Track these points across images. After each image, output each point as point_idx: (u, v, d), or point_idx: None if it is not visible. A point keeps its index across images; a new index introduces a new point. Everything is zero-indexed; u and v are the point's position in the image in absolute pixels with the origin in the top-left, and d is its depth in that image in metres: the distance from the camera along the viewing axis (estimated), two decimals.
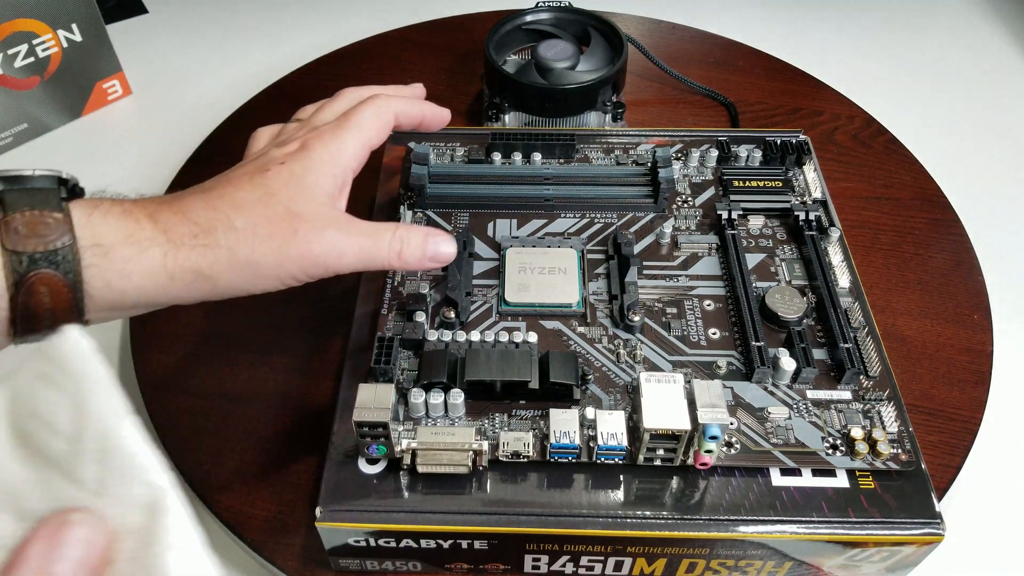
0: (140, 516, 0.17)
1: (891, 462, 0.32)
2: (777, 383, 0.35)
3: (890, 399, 0.35)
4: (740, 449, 0.33)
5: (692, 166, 0.46)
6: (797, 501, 0.32)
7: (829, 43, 0.74)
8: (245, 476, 0.38)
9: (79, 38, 0.61)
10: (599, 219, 0.43)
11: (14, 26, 0.57)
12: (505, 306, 0.38)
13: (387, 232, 0.32)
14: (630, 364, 0.36)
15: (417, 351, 0.36)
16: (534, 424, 0.34)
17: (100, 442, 0.17)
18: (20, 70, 0.59)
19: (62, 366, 0.18)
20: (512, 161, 0.46)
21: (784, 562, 0.33)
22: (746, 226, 0.42)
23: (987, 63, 0.72)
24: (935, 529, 0.31)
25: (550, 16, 0.57)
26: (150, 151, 0.62)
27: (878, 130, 0.58)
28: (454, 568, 0.34)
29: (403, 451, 0.32)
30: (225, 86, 0.67)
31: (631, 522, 0.32)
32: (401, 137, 0.47)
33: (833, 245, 0.41)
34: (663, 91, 0.61)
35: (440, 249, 0.34)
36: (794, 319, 0.37)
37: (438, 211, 0.43)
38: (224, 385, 0.42)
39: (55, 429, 0.17)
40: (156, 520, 0.17)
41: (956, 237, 0.50)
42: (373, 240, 0.32)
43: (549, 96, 0.52)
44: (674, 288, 0.39)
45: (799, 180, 0.45)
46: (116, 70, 0.65)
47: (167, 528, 0.17)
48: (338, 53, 0.66)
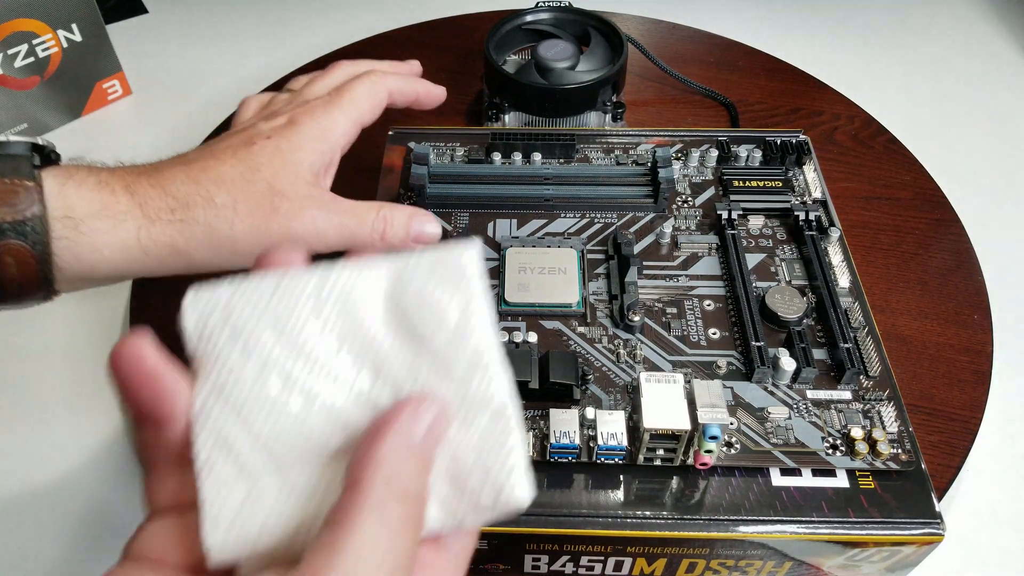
0: (488, 420, 0.19)
1: (891, 462, 0.32)
2: (777, 383, 0.35)
3: (890, 399, 0.35)
4: (740, 449, 0.33)
5: (692, 166, 0.46)
6: (797, 501, 0.32)
7: (829, 43, 0.74)
8: None
9: (79, 38, 0.61)
10: (599, 219, 0.43)
11: (14, 26, 0.57)
12: (505, 306, 0.38)
13: (371, 212, 0.32)
14: (630, 364, 0.36)
15: None
16: (534, 424, 0.34)
17: (476, 349, 0.19)
18: (20, 70, 0.59)
19: (460, 272, 0.20)
20: (512, 161, 0.46)
21: (784, 562, 0.33)
22: (746, 226, 0.42)
23: (987, 63, 0.72)
24: (935, 529, 0.31)
25: (550, 16, 0.57)
26: (150, 151, 0.61)
27: (878, 130, 0.58)
28: None
29: None
30: (225, 86, 0.67)
31: (631, 522, 0.32)
32: (401, 137, 0.47)
33: (833, 245, 0.41)
34: (663, 91, 0.61)
35: (425, 229, 0.33)
36: (794, 319, 0.37)
37: (438, 211, 0.43)
38: None
39: (442, 324, 0.19)
40: (506, 426, 0.19)
41: (956, 237, 0.50)
42: (356, 219, 0.31)
43: (549, 96, 0.52)
44: (674, 288, 0.39)
45: (799, 180, 0.45)
46: (116, 70, 0.65)
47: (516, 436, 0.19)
48: (338, 53, 0.66)
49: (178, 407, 0.19)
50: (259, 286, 0.20)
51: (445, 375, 0.19)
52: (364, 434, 0.18)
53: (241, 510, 0.18)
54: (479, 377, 0.19)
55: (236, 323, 0.19)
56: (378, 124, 0.58)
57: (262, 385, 0.19)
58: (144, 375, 0.19)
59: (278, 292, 0.20)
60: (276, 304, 0.20)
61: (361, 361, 0.20)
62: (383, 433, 0.18)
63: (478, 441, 0.19)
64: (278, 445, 0.19)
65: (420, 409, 0.18)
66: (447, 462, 0.19)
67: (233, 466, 0.19)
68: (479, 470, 0.19)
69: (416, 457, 0.18)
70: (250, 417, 0.19)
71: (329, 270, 0.20)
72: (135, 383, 0.19)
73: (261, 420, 0.19)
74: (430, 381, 0.19)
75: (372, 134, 0.58)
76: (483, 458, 0.19)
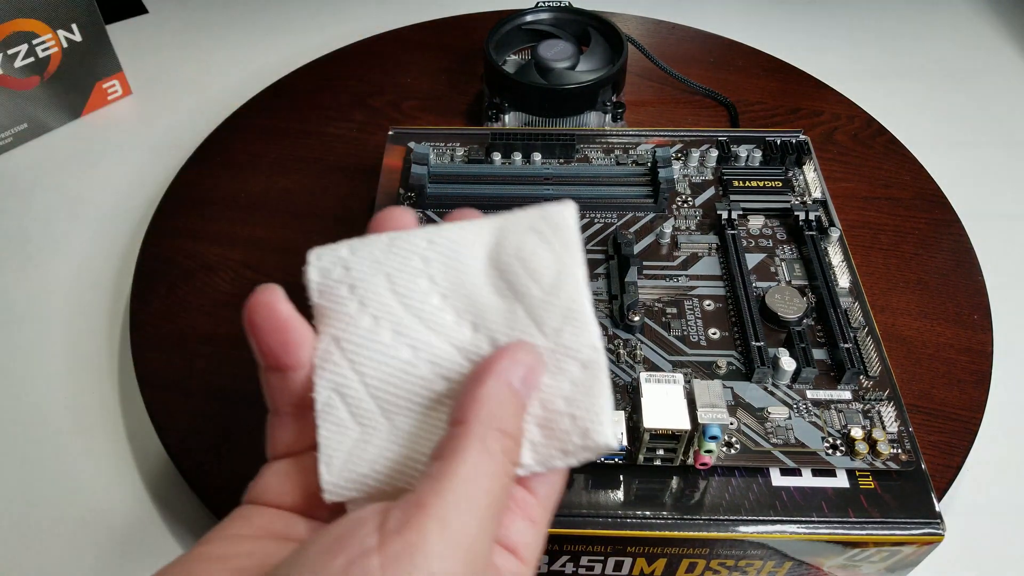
0: (578, 368, 0.20)
1: (891, 462, 0.32)
2: (777, 383, 0.35)
3: (890, 399, 0.35)
4: (740, 449, 0.33)
5: (692, 166, 0.46)
6: (797, 501, 0.32)
7: (829, 43, 0.74)
8: (245, 476, 0.38)
9: (79, 38, 0.61)
10: (599, 219, 0.43)
11: (14, 26, 0.57)
12: None
13: None
14: (630, 364, 0.36)
15: None
16: None
17: (570, 302, 0.21)
18: (20, 70, 0.59)
19: (556, 230, 0.21)
20: (512, 161, 0.46)
21: (784, 562, 0.33)
22: (746, 226, 0.42)
23: (987, 63, 0.72)
24: (935, 529, 0.31)
25: (550, 16, 0.57)
26: (150, 151, 0.62)
27: (878, 130, 0.58)
28: None
29: None
30: (225, 86, 0.67)
31: (631, 522, 0.32)
32: (401, 137, 0.47)
33: (833, 245, 0.41)
34: (663, 91, 0.61)
35: None
36: (794, 319, 0.37)
37: (438, 211, 0.43)
38: (224, 385, 0.42)
39: (538, 278, 0.21)
40: (595, 375, 0.20)
41: (956, 237, 0.50)
42: None
43: (549, 96, 0.52)
44: (674, 288, 0.39)
45: (799, 180, 0.45)
46: (116, 70, 0.65)
47: (603, 385, 0.20)
48: (338, 53, 0.66)
49: (303, 355, 0.21)
50: (375, 245, 0.21)
51: (540, 327, 0.21)
52: (467, 379, 0.20)
53: (354, 451, 0.20)
54: (571, 329, 0.20)
55: (354, 278, 0.21)
56: (378, 124, 0.59)
57: (375, 336, 0.21)
58: (276, 324, 0.20)
59: (392, 250, 0.21)
60: (390, 261, 0.21)
61: (464, 314, 0.21)
62: (485, 376, 0.19)
63: (568, 389, 0.20)
64: (388, 392, 0.20)
65: (518, 355, 0.20)
66: (538, 408, 0.20)
67: (347, 410, 0.20)
68: (568, 416, 0.20)
69: (515, 398, 0.19)
70: (364, 365, 0.20)
71: (438, 229, 0.22)
72: (267, 331, 0.20)
73: (373, 368, 0.20)
74: (526, 332, 0.21)
75: (372, 134, 0.58)
76: (572, 405, 0.20)
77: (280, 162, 0.56)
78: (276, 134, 0.58)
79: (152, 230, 0.51)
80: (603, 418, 0.20)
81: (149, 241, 0.50)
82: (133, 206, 0.57)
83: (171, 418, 0.41)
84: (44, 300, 0.52)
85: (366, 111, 0.60)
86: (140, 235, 0.51)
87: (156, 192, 0.56)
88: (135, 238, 0.54)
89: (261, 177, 0.55)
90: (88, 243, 0.55)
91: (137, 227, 0.55)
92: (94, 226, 0.56)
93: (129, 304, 0.47)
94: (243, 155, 0.56)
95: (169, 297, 0.47)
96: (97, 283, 0.52)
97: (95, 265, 0.53)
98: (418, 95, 0.62)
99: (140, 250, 0.50)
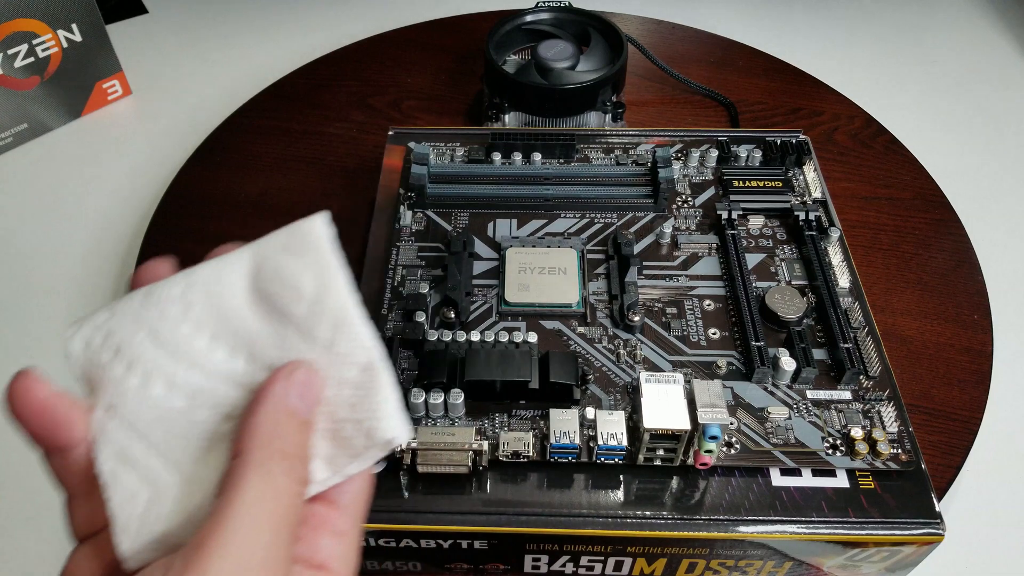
0: (358, 372, 0.21)
1: (891, 462, 0.32)
2: (777, 383, 0.35)
3: (890, 399, 0.35)
4: (740, 449, 0.33)
5: (692, 166, 0.46)
6: (797, 501, 0.32)
7: (829, 43, 0.74)
8: None
9: (79, 38, 0.61)
10: (599, 219, 0.43)
11: (14, 26, 0.57)
12: (505, 306, 0.38)
13: None
14: (630, 364, 0.36)
15: (417, 351, 0.36)
16: (534, 424, 0.34)
17: (336, 311, 0.21)
18: (20, 70, 0.59)
19: (309, 244, 0.21)
20: (512, 161, 0.46)
21: (784, 562, 0.33)
22: (746, 226, 0.42)
23: (987, 63, 0.72)
24: (935, 529, 0.31)
25: (550, 16, 0.57)
26: (150, 151, 0.62)
27: (878, 130, 0.58)
28: (454, 568, 0.34)
29: (403, 451, 0.32)
30: (225, 86, 0.67)
31: (631, 522, 0.32)
32: (401, 137, 0.47)
33: (833, 245, 0.41)
34: (663, 91, 0.61)
35: None
36: (794, 319, 0.37)
37: (438, 211, 0.43)
38: None
39: (299, 295, 0.21)
40: (373, 377, 0.21)
41: (956, 237, 0.50)
42: None
43: (549, 96, 0.52)
44: (674, 288, 0.39)
45: (799, 180, 0.45)
46: (116, 70, 0.65)
47: (383, 384, 0.21)
48: (338, 53, 0.66)
49: (76, 433, 0.20)
50: (132, 302, 0.21)
51: (312, 342, 0.21)
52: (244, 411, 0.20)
53: (147, 513, 0.19)
54: (342, 337, 0.21)
55: (117, 342, 0.21)
56: (378, 124, 0.59)
57: (147, 393, 0.20)
58: (36, 408, 0.20)
59: (149, 303, 0.21)
60: (149, 315, 0.21)
61: (236, 348, 0.21)
62: (258, 403, 0.19)
63: (351, 395, 0.21)
64: (171, 445, 0.20)
65: (291, 375, 0.20)
66: (326, 421, 0.20)
67: (134, 475, 0.20)
68: (352, 421, 0.20)
69: (292, 418, 0.19)
70: (142, 425, 0.20)
71: (193, 271, 0.22)
72: (30, 417, 0.20)
73: (152, 426, 0.20)
74: (299, 350, 0.21)
75: (372, 134, 0.58)
76: (355, 410, 0.20)
77: (280, 162, 0.56)
78: (276, 134, 0.58)
79: (152, 230, 0.51)
80: (384, 414, 0.20)
81: (149, 241, 0.50)
82: (133, 206, 0.57)
83: None
84: (44, 300, 0.52)
85: (366, 111, 0.60)
86: (140, 235, 0.51)
87: (156, 192, 0.56)
88: (135, 238, 0.54)
89: (261, 177, 0.55)
90: (88, 243, 0.55)
91: (137, 227, 0.55)
92: (94, 226, 0.56)
93: None
94: (243, 155, 0.56)
95: None
96: (97, 283, 0.52)
97: (95, 265, 0.53)
98: (418, 95, 0.62)
99: (140, 250, 0.50)
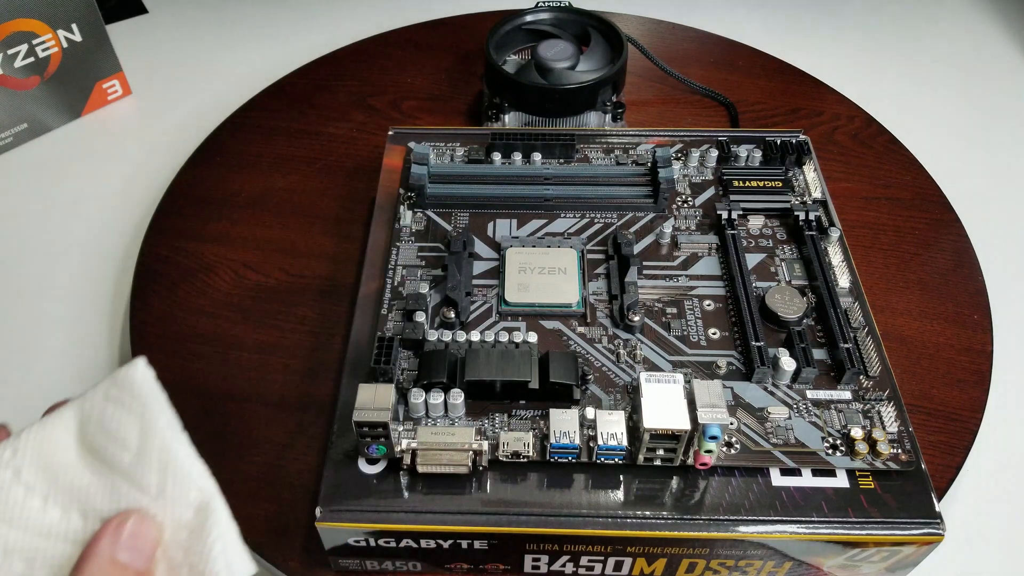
0: (192, 514, 0.21)
1: (891, 462, 0.32)
2: (777, 383, 0.35)
3: (890, 399, 0.35)
4: (740, 449, 0.33)
5: (692, 166, 0.46)
6: (797, 501, 0.32)
7: (829, 43, 0.74)
8: (245, 476, 0.38)
9: (79, 38, 0.61)
10: (599, 219, 0.43)
11: (14, 26, 0.57)
12: (505, 306, 0.38)
13: None
14: (630, 364, 0.36)
15: (417, 351, 0.36)
16: (534, 424, 0.34)
17: (162, 454, 0.21)
18: (20, 70, 0.59)
19: (129, 390, 0.22)
20: (512, 161, 0.46)
21: (784, 562, 0.33)
22: (746, 226, 0.42)
23: (987, 63, 0.72)
24: (935, 529, 0.31)
25: (550, 16, 0.57)
26: (150, 151, 0.62)
27: (878, 130, 0.58)
28: (454, 568, 0.34)
29: (403, 451, 0.32)
30: (225, 86, 0.67)
31: (631, 522, 0.32)
32: (401, 137, 0.47)
33: (833, 245, 0.41)
34: (663, 91, 0.61)
35: None
36: (794, 319, 0.37)
37: (438, 211, 0.43)
38: (224, 385, 0.42)
39: (125, 444, 0.21)
40: (206, 517, 0.21)
41: (956, 237, 0.50)
42: None
43: (549, 96, 0.52)
44: (674, 288, 0.39)
45: (799, 180, 0.45)
46: (116, 70, 0.65)
47: (215, 523, 0.21)
48: (338, 53, 0.66)
49: None
50: None
51: (143, 489, 0.21)
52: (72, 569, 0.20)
53: None
54: (171, 480, 0.21)
55: None
56: (378, 124, 0.59)
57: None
58: None
59: None
60: None
61: (69, 506, 0.21)
62: (84, 559, 0.19)
63: (186, 538, 0.21)
64: None
65: (119, 528, 0.20)
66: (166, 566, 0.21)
67: None
68: (187, 565, 0.21)
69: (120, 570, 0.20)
70: None
71: (20, 435, 0.22)
72: None
73: None
74: (133, 499, 0.21)
75: (372, 134, 0.58)
76: (189, 553, 0.21)
77: (280, 162, 0.56)
78: (276, 134, 0.58)
79: (152, 230, 0.51)
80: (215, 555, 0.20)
81: (149, 241, 0.50)
82: (133, 206, 0.57)
83: None
84: (44, 300, 0.52)
85: (366, 111, 0.60)
86: (140, 235, 0.51)
87: (156, 192, 0.56)
88: (135, 238, 0.54)
89: (261, 177, 0.55)
90: (88, 243, 0.55)
91: (137, 227, 0.55)
92: (94, 226, 0.56)
93: (129, 304, 0.47)
94: (243, 155, 0.56)
95: (169, 297, 0.47)
96: (97, 283, 0.52)
97: (95, 265, 0.53)
98: (418, 95, 0.62)
99: (140, 250, 0.50)
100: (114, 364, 0.48)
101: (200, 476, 0.21)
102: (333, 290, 0.47)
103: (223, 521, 0.21)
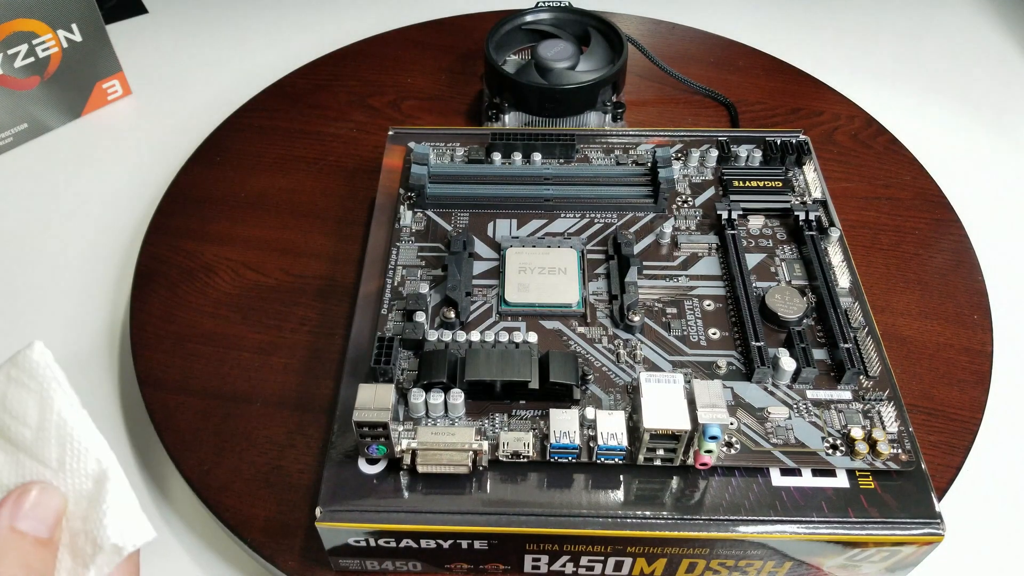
0: (91, 484, 0.22)
1: (891, 462, 0.32)
2: (777, 383, 0.35)
3: (890, 399, 0.35)
4: (740, 449, 0.33)
5: (692, 166, 0.46)
6: (797, 501, 0.32)
7: (829, 43, 0.74)
8: (245, 476, 0.38)
9: (79, 38, 0.61)
10: (599, 219, 0.43)
11: (14, 26, 0.57)
12: (505, 306, 0.38)
13: None
14: (630, 364, 0.36)
15: (417, 351, 0.36)
16: (534, 424, 0.34)
17: (59, 429, 0.22)
18: (20, 70, 0.59)
19: (27, 369, 0.22)
20: (512, 161, 0.46)
21: (784, 562, 0.33)
22: (746, 226, 0.42)
23: (987, 63, 0.72)
24: (935, 529, 0.31)
25: (550, 16, 0.57)
26: (150, 151, 0.62)
27: (878, 130, 0.58)
28: (454, 568, 0.34)
29: (403, 451, 0.32)
30: (225, 86, 0.67)
31: (631, 522, 0.32)
32: (401, 137, 0.47)
33: (833, 245, 0.41)
34: (663, 91, 0.61)
35: None
36: (794, 319, 0.37)
37: (438, 211, 0.43)
38: (224, 385, 0.42)
39: (25, 421, 0.22)
40: (102, 486, 0.22)
41: (956, 237, 0.50)
42: None
43: (549, 96, 0.52)
44: (674, 288, 0.39)
45: (799, 180, 0.45)
46: (116, 70, 0.65)
47: (108, 491, 0.22)
48: (338, 53, 0.66)
49: None
50: None
51: (45, 463, 0.22)
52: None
53: None
54: (70, 453, 0.22)
55: None
56: (378, 124, 0.59)
57: None
58: None
59: None
60: None
61: None
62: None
63: (85, 508, 0.22)
64: None
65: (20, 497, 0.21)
66: (67, 536, 0.22)
67: None
68: (83, 532, 0.22)
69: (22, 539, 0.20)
70: None
71: None
72: None
73: None
74: (38, 473, 0.22)
75: (372, 134, 0.58)
76: (87, 521, 0.22)
77: (280, 162, 0.56)
78: (276, 134, 0.58)
79: (152, 230, 0.51)
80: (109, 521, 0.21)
81: (149, 241, 0.50)
82: (133, 206, 0.57)
83: (171, 418, 0.41)
84: (44, 300, 0.52)
85: (366, 111, 0.60)
86: (140, 235, 0.51)
87: (156, 192, 0.56)
88: (135, 238, 0.54)
89: (261, 177, 0.55)
90: (88, 243, 0.55)
91: (137, 227, 0.55)
92: (94, 226, 0.56)
93: (129, 304, 0.47)
94: (243, 155, 0.56)
95: (169, 297, 0.47)
96: (97, 283, 0.52)
97: (95, 265, 0.53)
98: (418, 95, 0.62)
99: (140, 250, 0.50)
100: (114, 364, 0.48)
101: (98, 448, 0.22)
102: (333, 290, 0.47)
103: (117, 489, 0.22)
